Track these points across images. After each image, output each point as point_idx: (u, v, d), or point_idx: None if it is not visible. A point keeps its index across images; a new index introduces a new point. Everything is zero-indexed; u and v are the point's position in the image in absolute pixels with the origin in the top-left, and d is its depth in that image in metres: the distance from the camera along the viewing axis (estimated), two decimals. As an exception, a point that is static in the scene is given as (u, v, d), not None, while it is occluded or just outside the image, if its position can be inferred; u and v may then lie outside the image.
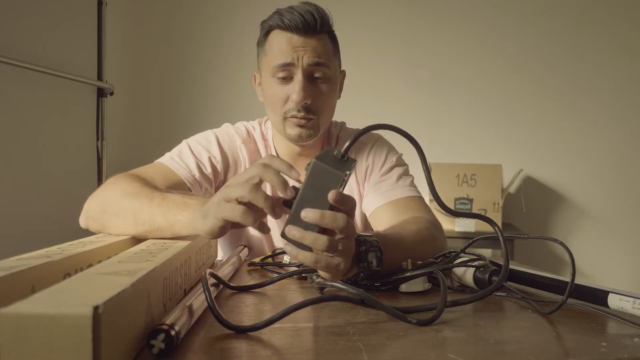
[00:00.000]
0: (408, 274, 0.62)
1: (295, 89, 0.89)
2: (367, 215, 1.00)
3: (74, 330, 0.28)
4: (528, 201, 2.43)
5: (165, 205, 0.66)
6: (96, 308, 0.28)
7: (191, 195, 0.67)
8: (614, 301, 0.52)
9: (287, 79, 0.90)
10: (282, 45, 0.89)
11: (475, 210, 2.13)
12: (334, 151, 0.53)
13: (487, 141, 2.50)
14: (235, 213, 0.54)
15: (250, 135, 1.03)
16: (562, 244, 0.57)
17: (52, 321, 0.28)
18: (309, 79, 0.90)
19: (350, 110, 2.54)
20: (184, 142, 0.98)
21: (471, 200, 2.13)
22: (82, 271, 0.42)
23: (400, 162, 1.03)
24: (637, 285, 2.39)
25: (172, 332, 0.38)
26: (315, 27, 0.89)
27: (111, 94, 2.16)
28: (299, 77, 0.89)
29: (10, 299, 0.33)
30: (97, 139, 2.12)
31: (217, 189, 0.97)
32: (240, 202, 0.55)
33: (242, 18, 2.45)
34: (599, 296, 0.54)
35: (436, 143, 2.49)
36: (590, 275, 2.42)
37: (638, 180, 2.45)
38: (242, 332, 0.45)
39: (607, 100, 2.46)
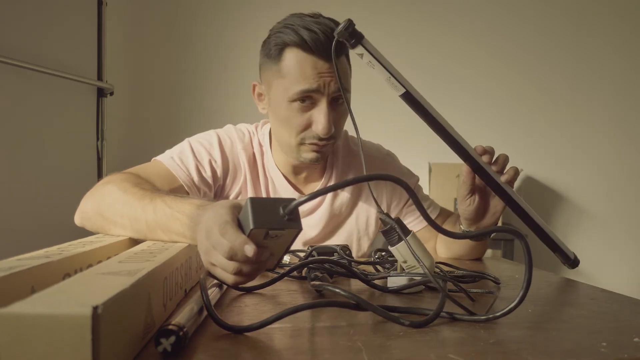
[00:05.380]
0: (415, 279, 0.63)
1: (320, 120, 0.83)
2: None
3: (73, 330, 0.28)
4: (528, 201, 2.39)
5: (161, 216, 0.64)
6: (95, 308, 0.28)
7: (182, 203, 0.62)
8: None
9: (309, 106, 0.84)
10: (306, 70, 0.81)
11: (475, 210, 2.12)
12: (281, 205, 0.48)
13: (487, 141, 2.48)
14: (227, 281, 0.51)
15: (251, 141, 0.98)
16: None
17: (51, 321, 0.28)
18: (332, 104, 0.85)
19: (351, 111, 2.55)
20: (186, 140, 0.95)
21: (471, 200, 2.11)
22: (81, 271, 0.42)
23: (417, 187, 1.09)
24: (638, 285, 2.39)
25: (181, 333, 0.38)
26: (339, 50, 0.81)
27: (111, 94, 2.17)
28: (323, 105, 0.83)
29: (10, 299, 0.33)
30: (97, 139, 2.12)
31: (215, 194, 0.95)
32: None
33: (243, 18, 2.45)
34: None
35: (436, 143, 2.48)
36: (591, 275, 2.41)
37: (638, 180, 2.45)
38: (237, 332, 0.45)
39: (607, 100, 2.46)
